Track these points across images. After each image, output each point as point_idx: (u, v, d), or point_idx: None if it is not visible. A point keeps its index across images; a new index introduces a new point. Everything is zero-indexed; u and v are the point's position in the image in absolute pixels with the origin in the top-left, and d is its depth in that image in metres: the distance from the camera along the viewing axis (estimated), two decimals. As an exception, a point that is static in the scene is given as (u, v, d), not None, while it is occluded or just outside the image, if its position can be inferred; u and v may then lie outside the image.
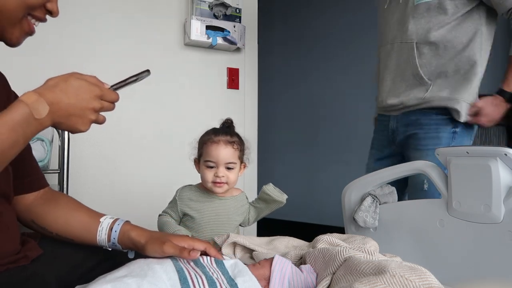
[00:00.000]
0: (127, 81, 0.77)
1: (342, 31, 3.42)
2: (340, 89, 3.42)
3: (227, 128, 1.27)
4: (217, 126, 1.30)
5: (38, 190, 0.94)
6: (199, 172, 1.29)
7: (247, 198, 1.35)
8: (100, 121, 0.74)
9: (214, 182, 1.23)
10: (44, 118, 0.67)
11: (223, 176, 1.22)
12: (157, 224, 1.27)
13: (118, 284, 0.67)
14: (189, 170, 1.39)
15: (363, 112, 3.27)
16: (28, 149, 0.93)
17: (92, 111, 0.71)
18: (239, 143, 1.26)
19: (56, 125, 0.71)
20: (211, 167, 1.22)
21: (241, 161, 1.28)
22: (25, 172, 0.91)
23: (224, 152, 1.21)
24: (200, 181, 1.31)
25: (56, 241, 0.91)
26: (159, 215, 1.29)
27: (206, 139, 1.24)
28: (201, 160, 1.25)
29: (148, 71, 0.79)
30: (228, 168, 1.23)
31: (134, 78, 0.78)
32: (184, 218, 1.29)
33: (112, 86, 0.75)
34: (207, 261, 0.84)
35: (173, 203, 1.29)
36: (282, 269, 0.85)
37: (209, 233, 1.25)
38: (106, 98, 0.73)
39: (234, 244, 1.09)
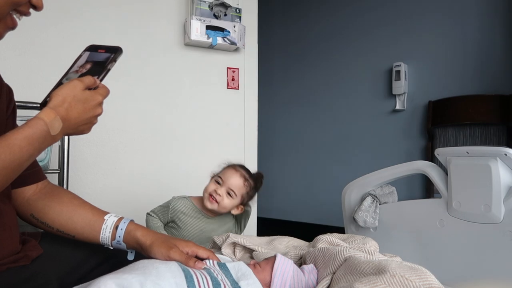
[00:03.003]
0: (108, 68, 0.80)
1: (342, 31, 3.42)
2: (340, 89, 3.42)
3: (251, 173, 1.37)
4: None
5: (36, 183, 0.94)
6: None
7: (233, 216, 1.41)
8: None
9: (210, 195, 1.31)
10: (57, 133, 0.73)
11: (219, 195, 1.30)
12: (145, 222, 1.33)
13: (121, 282, 0.66)
14: (188, 171, 1.40)
15: (362, 112, 3.27)
16: None
17: (96, 117, 0.78)
18: (251, 188, 1.35)
19: (65, 135, 0.77)
20: (217, 183, 1.32)
21: (242, 203, 1.35)
22: None
23: (235, 179, 1.32)
24: (195, 196, 1.39)
25: (57, 241, 0.91)
26: (148, 214, 1.35)
27: (231, 165, 1.36)
28: (215, 176, 1.35)
29: (120, 48, 0.82)
30: (228, 194, 1.31)
31: (113, 62, 0.81)
32: (170, 224, 1.36)
33: (99, 79, 0.79)
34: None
35: (166, 209, 1.35)
36: (284, 274, 0.84)
37: None
38: (104, 98, 0.78)
39: (234, 244, 1.09)
